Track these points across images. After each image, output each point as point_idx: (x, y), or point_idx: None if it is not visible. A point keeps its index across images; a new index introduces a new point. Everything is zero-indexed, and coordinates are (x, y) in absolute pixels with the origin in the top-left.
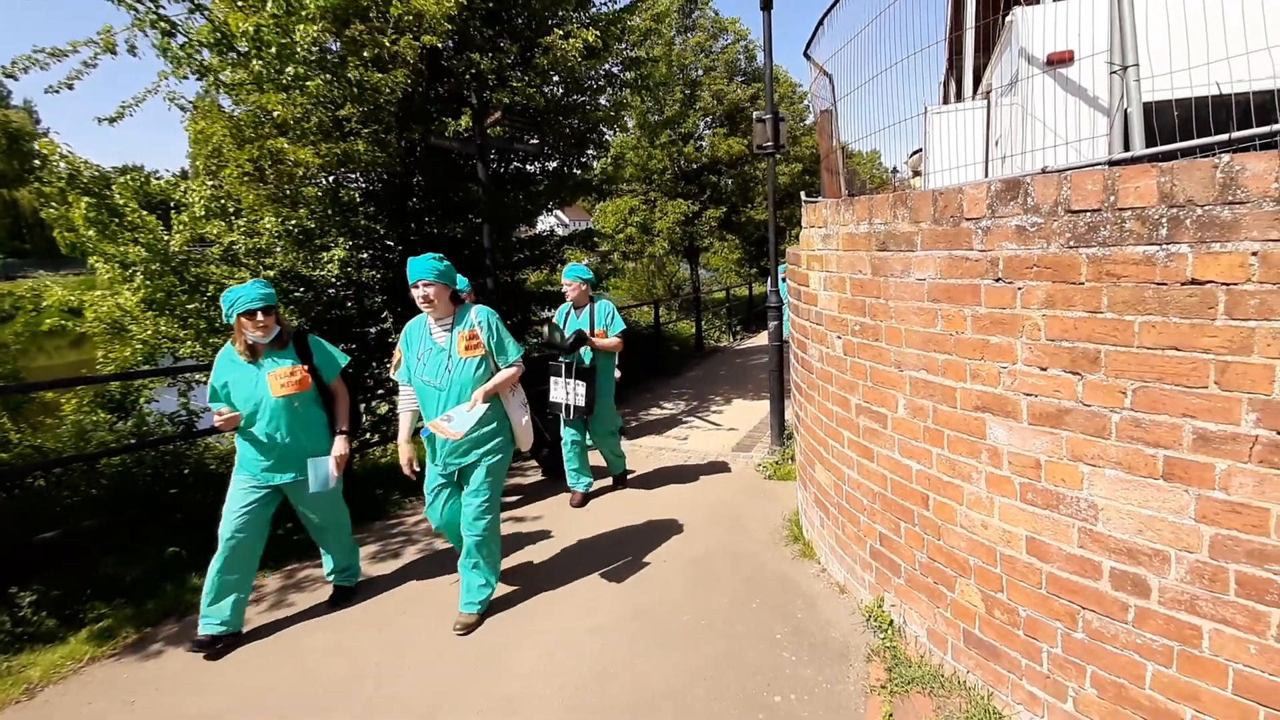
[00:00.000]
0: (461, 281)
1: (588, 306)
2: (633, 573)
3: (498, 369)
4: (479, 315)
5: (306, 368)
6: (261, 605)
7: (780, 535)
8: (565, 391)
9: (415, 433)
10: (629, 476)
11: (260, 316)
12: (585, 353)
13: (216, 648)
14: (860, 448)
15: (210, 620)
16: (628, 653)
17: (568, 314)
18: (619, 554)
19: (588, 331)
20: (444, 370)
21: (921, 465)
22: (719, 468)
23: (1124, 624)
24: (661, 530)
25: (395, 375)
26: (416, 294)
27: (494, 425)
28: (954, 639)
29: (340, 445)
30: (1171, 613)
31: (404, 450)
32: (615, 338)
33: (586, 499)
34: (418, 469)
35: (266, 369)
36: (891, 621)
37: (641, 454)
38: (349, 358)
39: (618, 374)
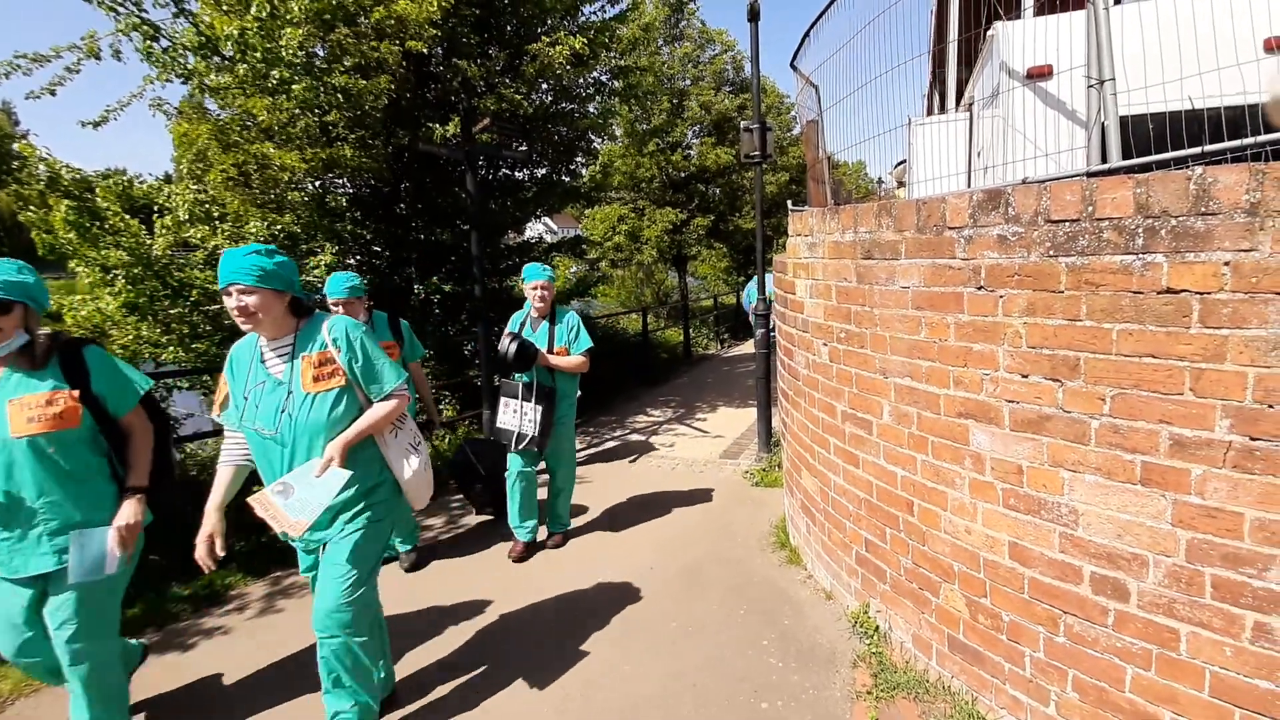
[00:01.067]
0: (335, 284)
1: (546, 318)
2: (619, 580)
3: (369, 404)
4: (334, 329)
5: (76, 394)
6: (248, 611)
7: (767, 541)
8: (518, 416)
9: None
10: (556, 542)
11: None
12: (542, 371)
13: None
14: (846, 454)
15: None
16: (614, 660)
17: (523, 323)
18: (604, 562)
19: (547, 347)
20: (281, 414)
21: (906, 471)
22: (706, 475)
23: (1104, 628)
24: (648, 537)
25: (219, 417)
26: (229, 304)
27: (363, 485)
28: (939, 644)
29: (129, 511)
30: (1150, 616)
31: (208, 521)
32: (580, 357)
33: (531, 550)
34: (220, 553)
35: (4, 396)
36: (877, 627)
37: (628, 461)
38: (150, 381)
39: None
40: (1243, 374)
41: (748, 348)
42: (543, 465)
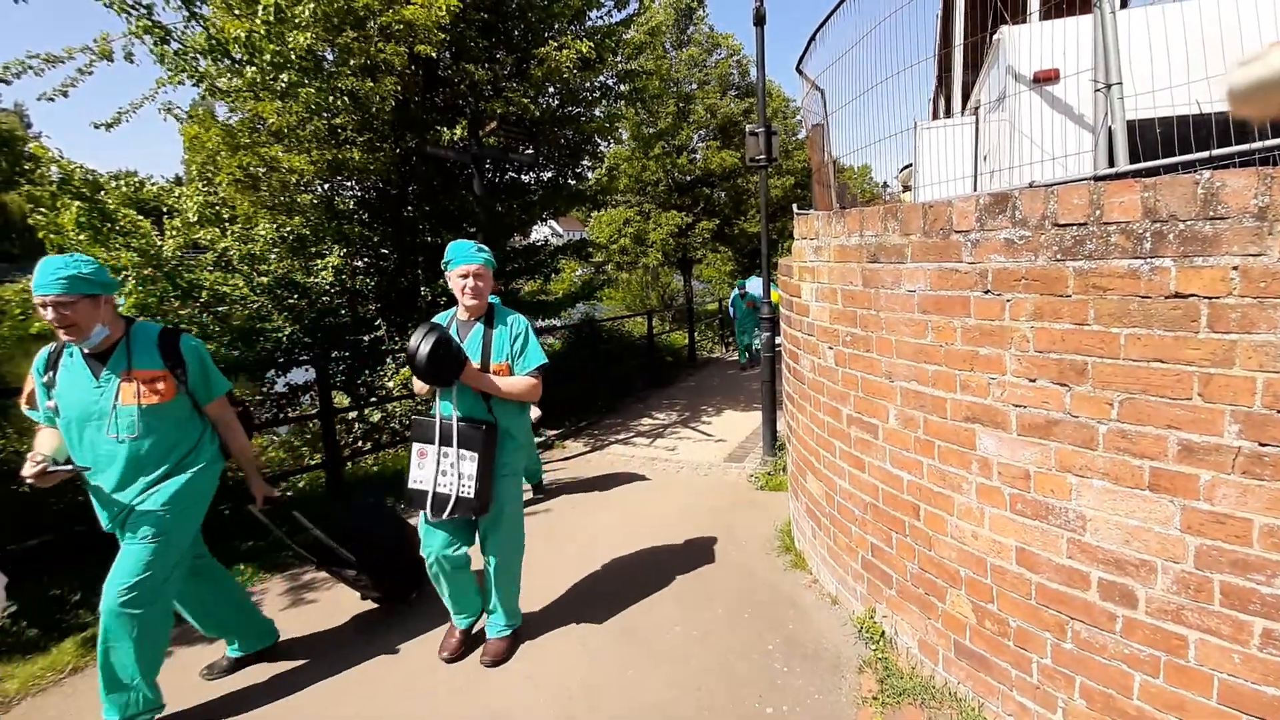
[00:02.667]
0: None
1: (480, 320)
2: (623, 584)
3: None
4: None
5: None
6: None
7: (772, 546)
8: (440, 469)
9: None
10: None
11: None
12: (475, 400)
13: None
14: (852, 458)
15: None
16: (618, 665)
17: (449, 322)
18: (608, 564)
19: (480, 363)
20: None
21: (912, 476)
22: (711, 478)
23: (1112, 634)
24: (652, 540)
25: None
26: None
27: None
28: (945, 650)
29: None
30: (1158, 623)
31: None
32: (528, 378)
33: (469, 642)
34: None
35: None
36: (883, 632)
37: (634, 464)
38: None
39: (536, 413)
40: (1252, 379)
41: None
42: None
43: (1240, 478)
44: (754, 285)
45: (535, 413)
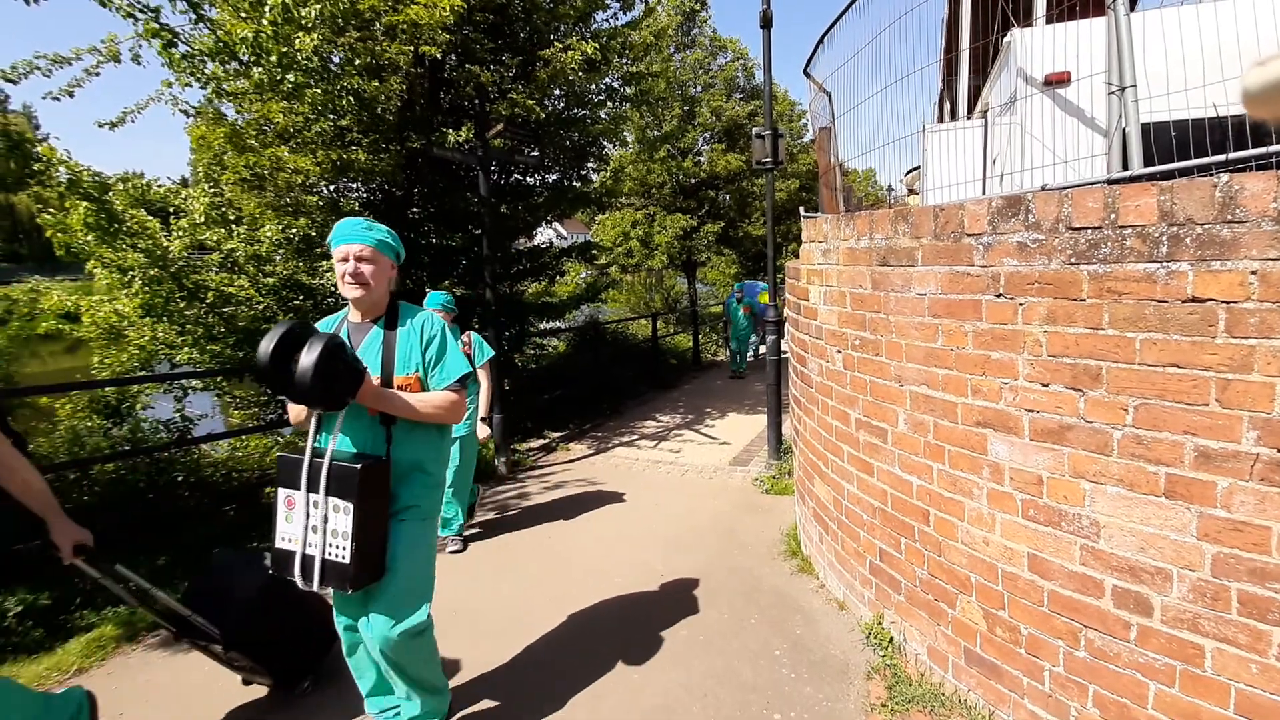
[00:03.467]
0: None
1: (379, 321)
2: (628, 587)
3: None
4: None
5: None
6: None
7: (778, 550)
8: (309, 522)
9: None
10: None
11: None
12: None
13: None
14: (860, 462)
15: None
16: (623, 669)
17: (338, 326)
18: (613, 568)
19: (380, 375)
20: None
21: (922, 481)
22: (715, 482)
23: (1126, 643)
24: (657, 544)
25: None
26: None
27: None
28: (955, 657)
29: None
30: (1174, 631)
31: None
32: (447, 392)
33: None
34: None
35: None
36: (892, 639)
37: (638, 467)
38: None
39: (484, 432)
40: (1270, 385)
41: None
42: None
43: (1258, 484)
44: (752, 289)
45: (484, 432)
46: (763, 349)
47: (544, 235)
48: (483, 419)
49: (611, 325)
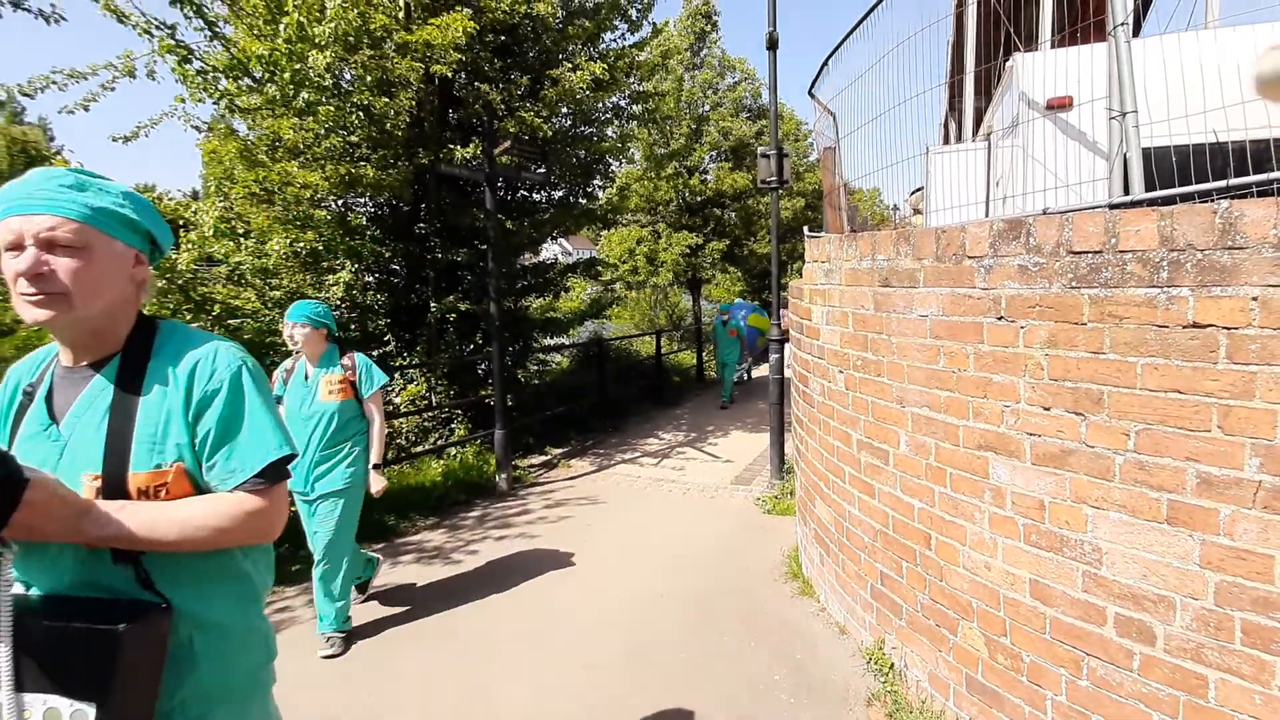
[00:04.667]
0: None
1: (113, 362)
2: (627, 609)
3: None
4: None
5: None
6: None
7: (779, 572)
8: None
9: None
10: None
11: None
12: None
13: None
14: (861, 484)
15: None
16: (621, 692)
17: (42, 373)
18: (613, 588)
19: (96, 467)
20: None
21: (923, 504)
22: (717, 501)
23: (1129, 672)
24: (657, 565)
25: None
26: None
27: None
28: (956, 684)
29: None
30: (1177, 661)
31: None
32: (247, 498)
33: None
34: None
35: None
36: (892, 665)
37: (640, 485)
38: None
39: (379, 486)
40: (1272, 411)
41: (761, 372)
42: None
43: (1261, 512)
44: (739, 311)
45: (378, 484)
46: (755, 371)
47: (549, 251)
48: (375, 466)
49: (615, 342)
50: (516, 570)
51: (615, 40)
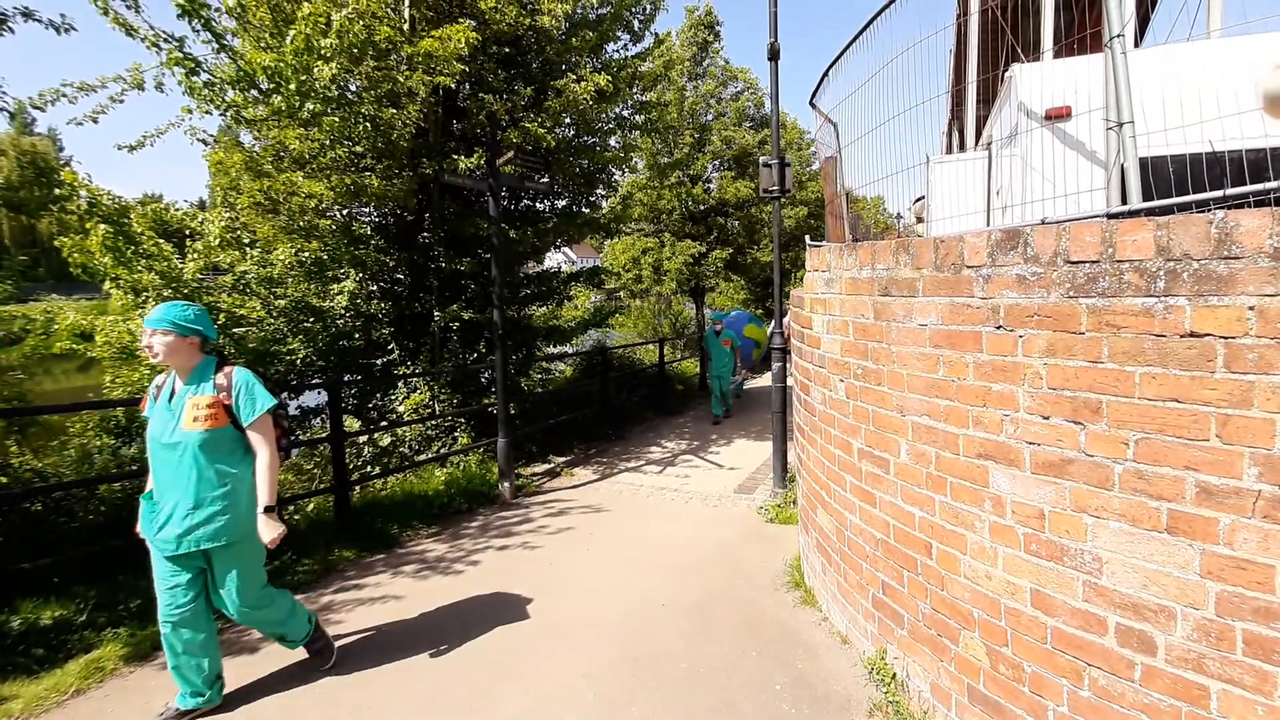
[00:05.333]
0: None
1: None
2: (629, 617)
3: None
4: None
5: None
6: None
7: (781, 581)
8: None
9: None
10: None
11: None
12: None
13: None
14: (863, 493)
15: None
16: (622, 701)
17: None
18: (615, 597)
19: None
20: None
21: (924, 513)
22: (720, 510)
23: (1131, 682)
24: (659, 573)
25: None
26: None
27: None
28: (958, 694)
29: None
30: (1179, 672)
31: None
32: None
33: None
34: None
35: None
36: (894, 675)
37: (643, 494)
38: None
39: (273, 533)
40: (1271, 421)
41: (764, 381)
42: None
43: (1261, 522)
44: (735, 321)
45: (271, 532)
46: (748, 382)
47: (553, 260)
48: (267, 510)
49: (619, 350)
50: (518, 578)
51: (618, 50)
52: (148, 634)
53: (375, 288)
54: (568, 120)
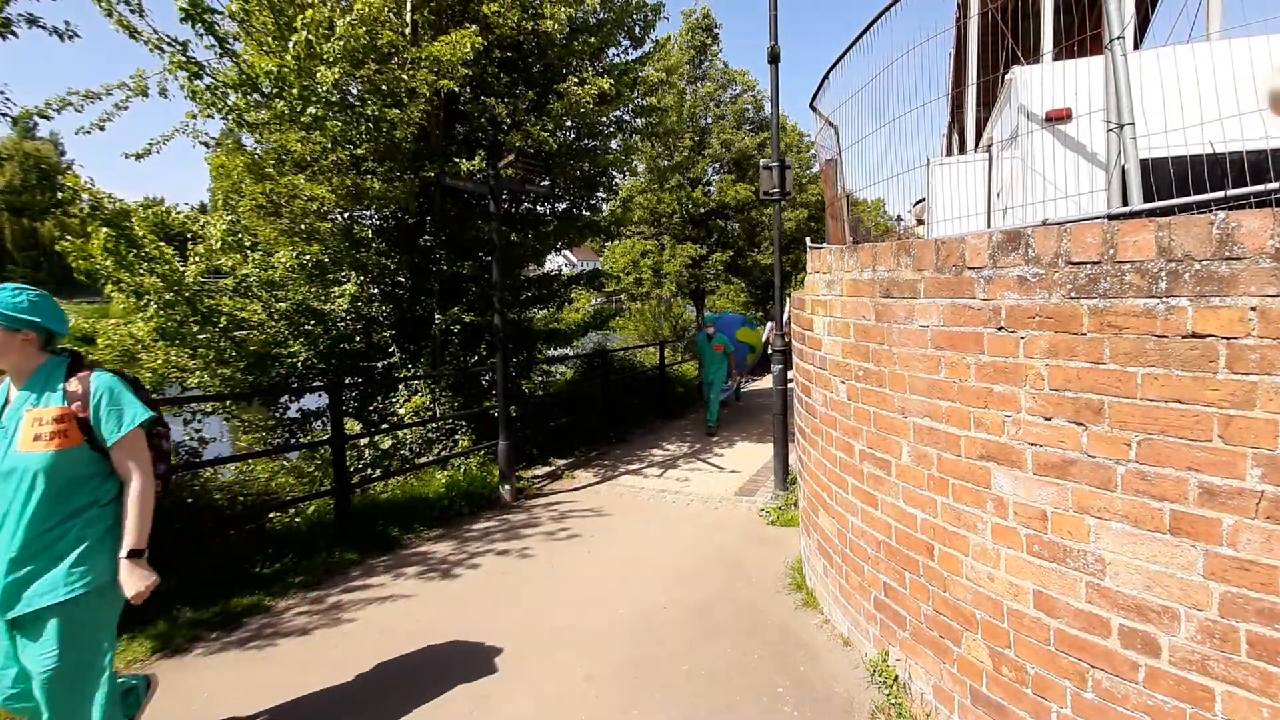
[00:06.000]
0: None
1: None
2: (630, 619)
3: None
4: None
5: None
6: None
7: (783, 583)
8: None
9: None
10: None
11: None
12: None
13: None
14: (864, 494)
15: None
16: (624, 703)
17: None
18: (616, 599)
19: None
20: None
21: (926, 514)
22: (721, 512)
23: (1135, 684)
24: (661, 575)
25: None
26: None
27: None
28: (961, 697)
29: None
30: (1183, 673)
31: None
32: None
33: None
34: None
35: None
36: (896, 677)
37: (644, 496)
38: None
39: (141, 584)
40: (1273, 421)
41: (765, 383)
42: None
43: (1264, 523)
44: (728, 325)
45: (139, 583)
46: (747, 385)
47: (553, 263)
48: (133, 553)
49: (619, 353)
50: (520, 580)
51: (618, 55)
52: (144, 638)
53: (376, 290)
54: (569, 124)
